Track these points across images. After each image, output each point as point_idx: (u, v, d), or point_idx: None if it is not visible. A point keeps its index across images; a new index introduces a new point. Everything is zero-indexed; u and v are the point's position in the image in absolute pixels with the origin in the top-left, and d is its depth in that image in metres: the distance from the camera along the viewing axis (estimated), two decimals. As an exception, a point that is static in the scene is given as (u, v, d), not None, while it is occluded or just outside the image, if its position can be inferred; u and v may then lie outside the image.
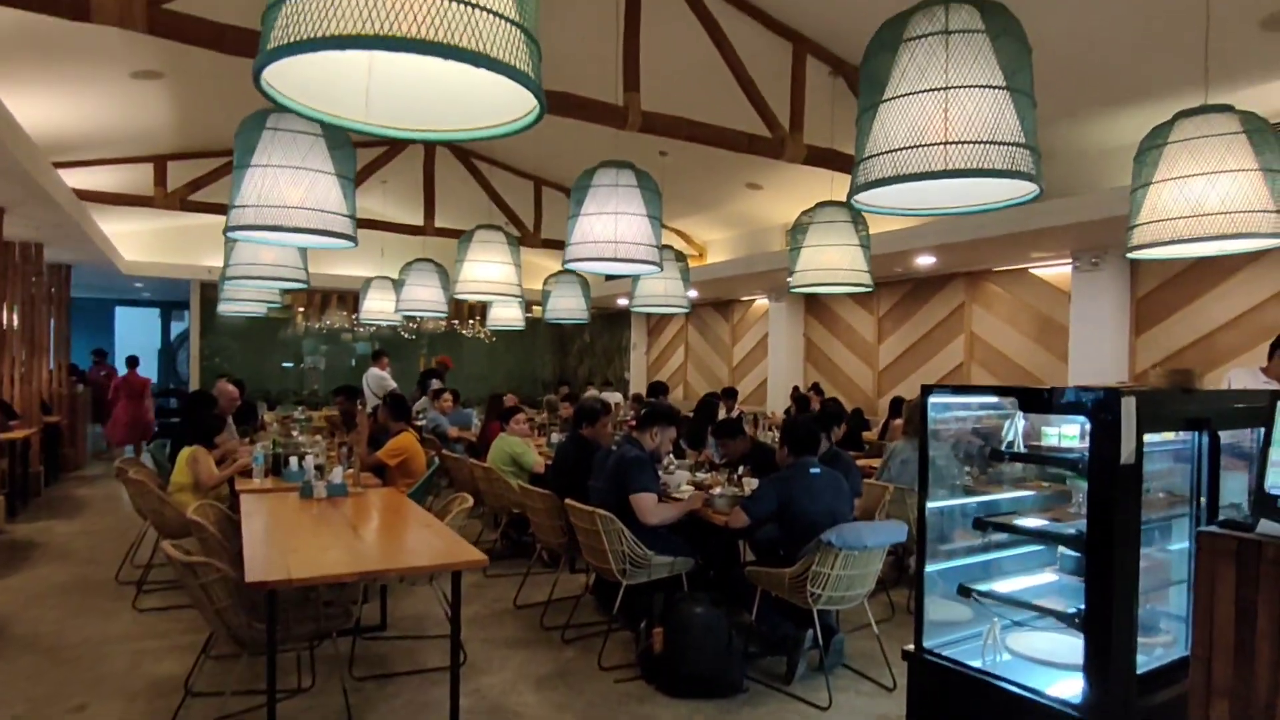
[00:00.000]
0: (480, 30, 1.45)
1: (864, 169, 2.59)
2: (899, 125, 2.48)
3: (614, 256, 4.46)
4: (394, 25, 1.39)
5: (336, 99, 1.89)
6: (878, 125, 2.56)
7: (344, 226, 3.70)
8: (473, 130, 1.96)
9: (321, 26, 1.42)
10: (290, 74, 1.73)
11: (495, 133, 1.94)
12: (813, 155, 5.33)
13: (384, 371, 8.93)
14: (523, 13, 1.59)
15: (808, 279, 5.52)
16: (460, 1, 1.44)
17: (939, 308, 9.33)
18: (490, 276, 6.68)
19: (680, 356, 14.16)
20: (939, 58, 2.45)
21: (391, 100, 1.91)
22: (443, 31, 1.41)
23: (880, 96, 2.57)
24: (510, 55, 1.51)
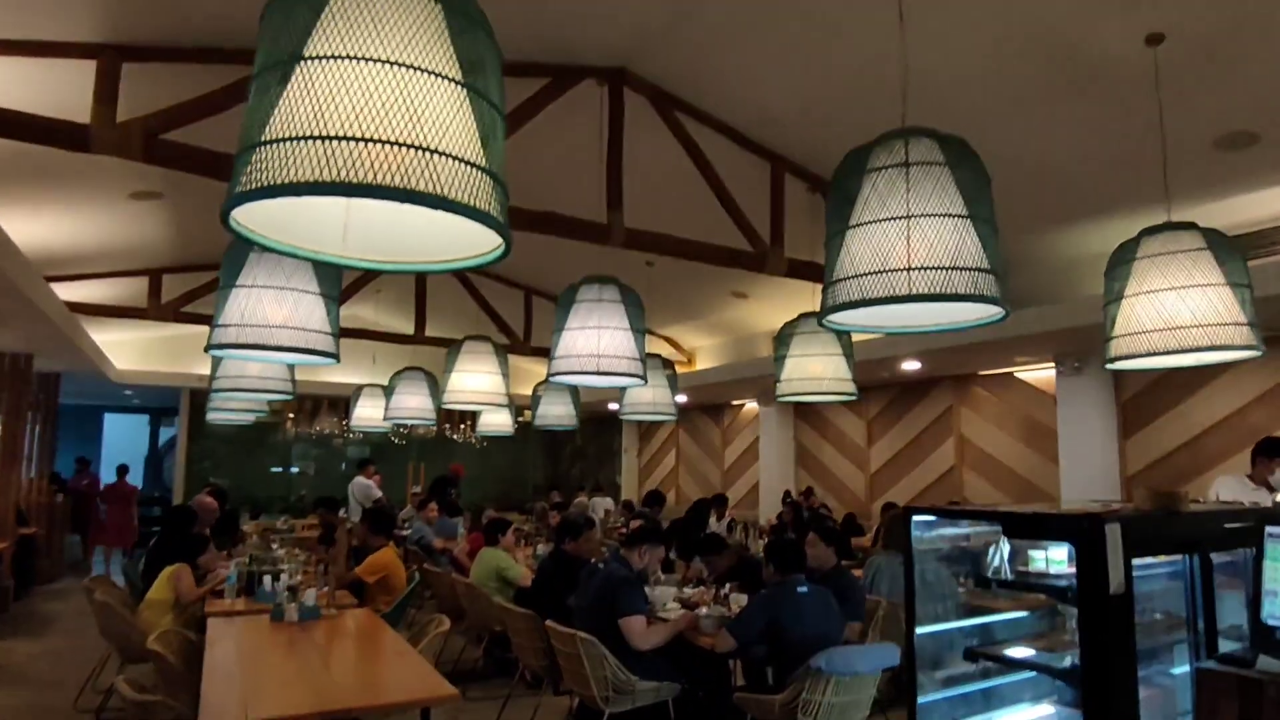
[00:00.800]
0: (438, 174, 1.49)
1: (833, 292, 2.64)
2: (865, 251, 2.54)
3: (597, 370, 4.48)
4: (352, 172, 1.43)
5: (316, 234, 1.93)
6: (844, 251, 2.62)
7: (326, 344, 3.72)
8: (444, 262, 2.00)
9: (284, 173, 1.46)
10: (271, 210, 1.77)
11: (465, 265, 1.97)
12: (794, 268, 5.44)
13: (370, 480, 8.80)
14: (488, 156, 1.64)
15: (793, 388, 5.54)
16: (418, 148, 1.49)
17: (927, 411, 9.35)
18: (479, 386, 6.69)
19: (672, 460, 14.05)
20: (900, 188, 2.53)
21: (369, 234, 1.96)
22: (399, 177, 1.45)
23: (847, 223, 2.64)
24: (471, 196, 1.55)
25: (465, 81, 1.62)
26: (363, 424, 10.28)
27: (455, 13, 1.65)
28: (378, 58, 1.51)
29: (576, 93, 4.82)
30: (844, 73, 4.53)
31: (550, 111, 4.74)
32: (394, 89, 1.50)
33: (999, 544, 2.37)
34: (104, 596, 4.57)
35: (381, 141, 1.47)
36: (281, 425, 15.16)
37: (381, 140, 1.47)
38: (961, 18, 3.84)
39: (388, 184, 1.44)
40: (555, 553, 4.87)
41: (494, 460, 16.22)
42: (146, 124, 3.57)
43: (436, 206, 1.47)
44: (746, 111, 5.17)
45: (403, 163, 1.47)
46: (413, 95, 1.51)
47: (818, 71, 4.57)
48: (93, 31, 3.70)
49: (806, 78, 4.66)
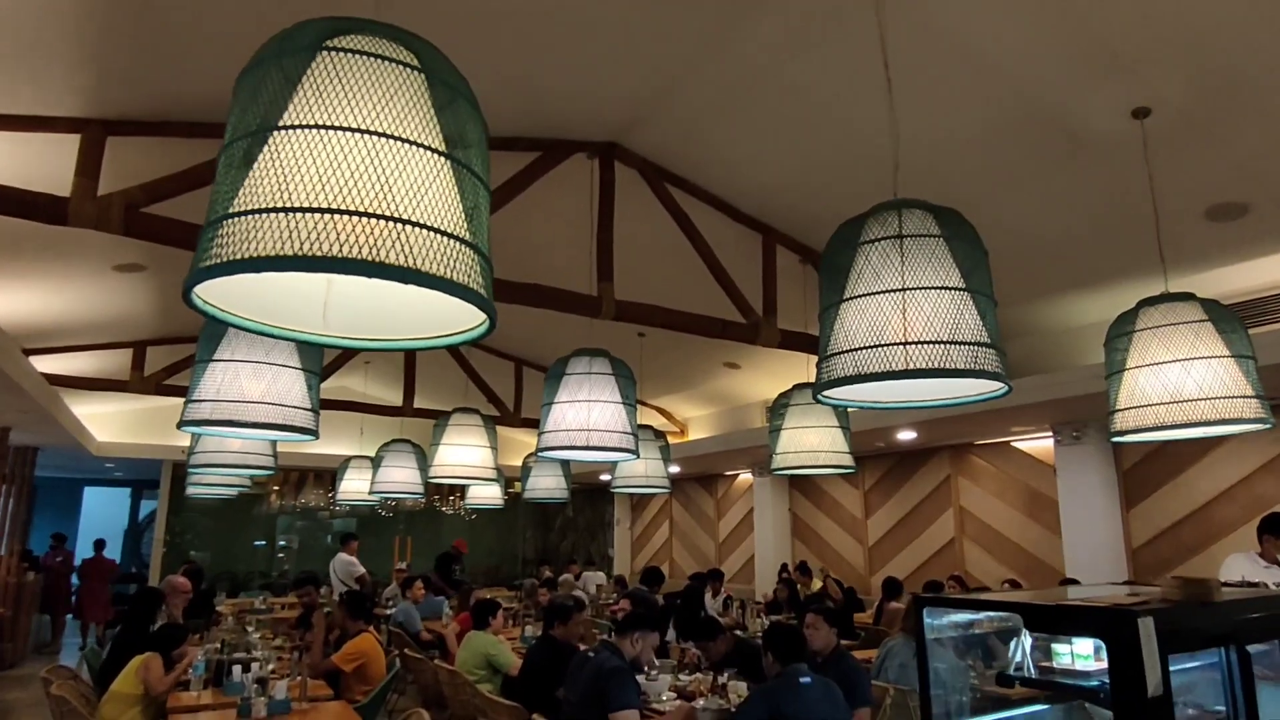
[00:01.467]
0: (411, 246, 1.40)
1: (827, 367, 2.54)
2: (859, 325, 2.45)
3: (586, 445, 4.35)
4: (317, 245, 1.33)
5: (296, 312, 1.83)
6: (838, 325, 2.53)
7: (305, 420, 3.60)
8: (428, 339, 1.90)
9: (246, 248, 1.37)
10: (248, 287, 1.69)
11: (449, 341, 1.87)
12: (787, 339, 5.37)
13: (353, 557, 8.52)
14: (471, 229, 1.56)
15: (789, 461, 5.41)
16: (389, 219, 1.40)
17: (925, 481, 9.18)
18: (467, 460, 6.52)
19: (665, 532, 13.74)
20: (895, 260, 2.46)
21: (351, 311, 1.86)
22: (368, 249, 1.36)
23: (840, 295, 2.57)
24: (448, 269, 1.46)
25: (446, 152, 1.55)
26: (349, 497, 10.06)
27: (438, 83, 1.58)
28: (349, 126, 1.43)
29: (567, 166, 4.83)
30: (833, 145, 4.55)
31: (541, 184, 4.73)
32: (363, 157, 1.41)
33: (1020, 637, 2.21)
34: (60, 690, 4.29)
35: (349, 212, 1.38)
36: (266, 498, 14.84)
37: (348, 211, 1.38)
38: (949, 90, 3.87)
39: (354, 257, 1.35)
40: (544, 639, 4.63)
41: (483, 533, 15.86)
42: (128, 197, 3.52)
43: (407, 280, 1.38)
44: (737, 184, 5.18)
45: (372, 235, 1.37)
46: (384, 163, 1.43)
47: (807, 144, 4.59)
48: (79, 106, 3.68)
49: (796, 150, 4.67)
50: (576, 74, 4.14)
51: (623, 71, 4.11)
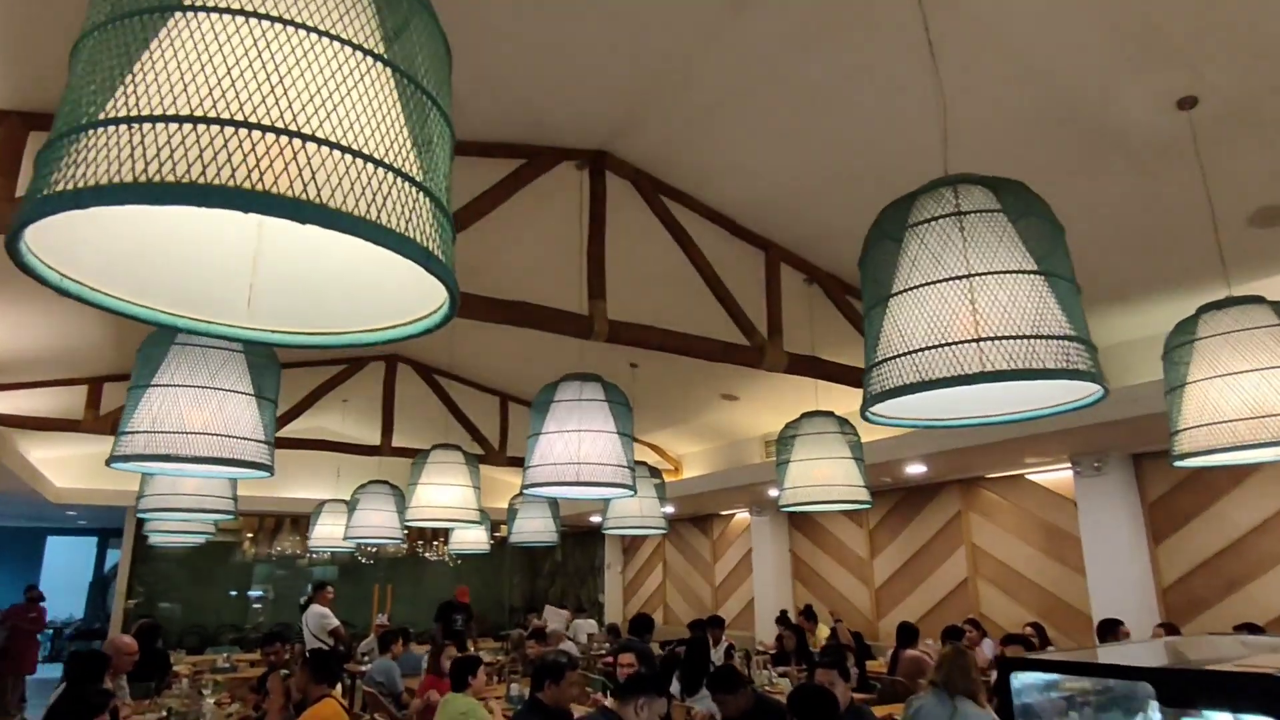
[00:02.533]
0: (315, 170, 0.96)
1: (878, 376, 2.10)
2: (917, 321, 2.02)
3: (576, 480, 3.89)
4: (171, 169, 0.90)
5: (211, 295, 1.39)
6: (890, 324, 2.10)
7: (256, 454, 3.11)
8: (375, 331, 1.46)
9: (102, 171, 0.92)
10: (138, 258, 1.25)
11: (401, 333, 1.44)
12: (794, 364, 4.95)
13: (326, 608, 7.90)
14: (423, 165, 1.13)
15: (799, 496, 4.96)
16: (321, 142, 0.97)
17: (934, 518, 8.72)
18: (448, 500, 6.01)
19: (658, 576, 13.14)
20: (955, 241, 2.05)
21: (282, 298, 1.42)
22: (277, 177, 0.92)
23: (888, 289, 2.15)
24: (376, 208, 1.02)
25: (386, 58, 1.12)
26: (323, 543, 9.47)
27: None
28: (242, 9, 1.00)
29: (555, 176, 4.44)
30: (840, 152, 4.18)
31: (526, 196, 4.34)
32: (260, 49, 0.98)
33: (1147, 711, 1.74)
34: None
35: (249, 126, 0.94)
36: (239, 546, 14.15)
37: (251, 125, 0.94)
38: (977, 80, 3.52)
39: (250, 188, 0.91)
40: (531, 703, 4.10)
41: (468, 580, 15.15)
42: (54, 200, 3.07)
43: (304, 217, 0.93)
44: (737, 195, 4.80)
45: (275, 155, 0.94)
46: (291, 61, 0.99)
47: (815, 151, 4.22)
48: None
49: (800, 158, 4.31)
50: (561, 73, 3.77)
51: (612, 69, 3.75)
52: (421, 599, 14.73)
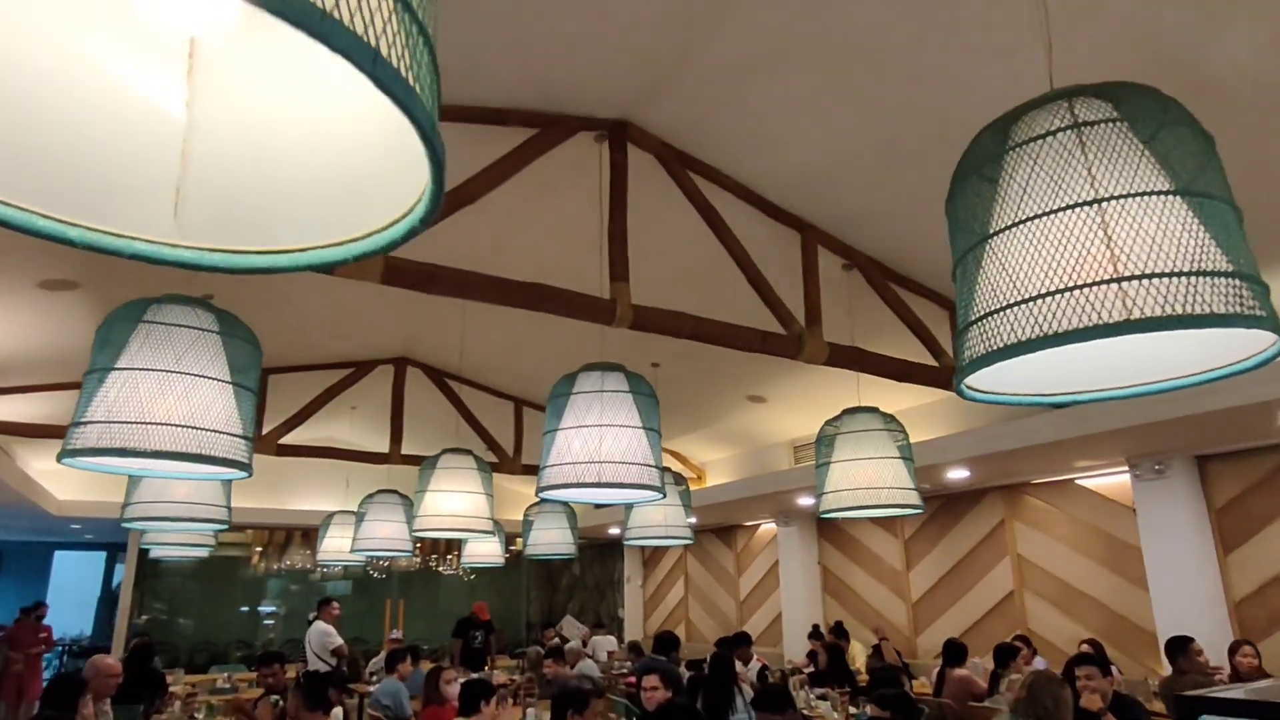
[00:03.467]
0: None
1: (978, 336, 1.65)
2: (1033, 261, 1.58)
3: (598, 480, 3.46)
4: None
5: (125, 204, 0.97)
6: (994, 267, 1.66)
7: (229, 449, 2.71)
8: (338, 246, 1.05)
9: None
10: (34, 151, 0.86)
11: (372, 244, 1.02)
12: (835, 355, 4.50)
13: (330, 625, 7.49)
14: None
15: (842, 501, 4.49)
16: None
17: (975, 527, 8.19)
18: (458, 508, 5.60)
19: (680, 590, 12.65)
20: (1076, 159, 1.61)
21: (218, 205, 1.01)
22: None
23: (987, 227, 1.71)
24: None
25: None
26: (332, 557, 9.11)
27: None
28: None
29: (572, 150, 4.04)
30: (892, 120, 3.75)
31: (542, 171, 3.94)
32: None
33: None
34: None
35: None
36: (249, 560, 13.82)
37: None
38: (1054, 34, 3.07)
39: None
40: (550, 733, 3.65)
41: (484, 595, 14.73)
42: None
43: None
44: (770, 170, 4.38)
45: None
46: None
47: (857, 120, 3.80)
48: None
49: (843, 128, 3.88)
50: (576, 29, 3.38)
51: (633, 23, 3.35)
52: (437, 614, 14.32)
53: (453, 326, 6.66)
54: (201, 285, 5.07)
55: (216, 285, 5.26)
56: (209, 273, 1.01)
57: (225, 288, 5.35)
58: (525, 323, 6.84)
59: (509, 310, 3.64)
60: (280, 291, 5.90)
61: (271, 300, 6.03)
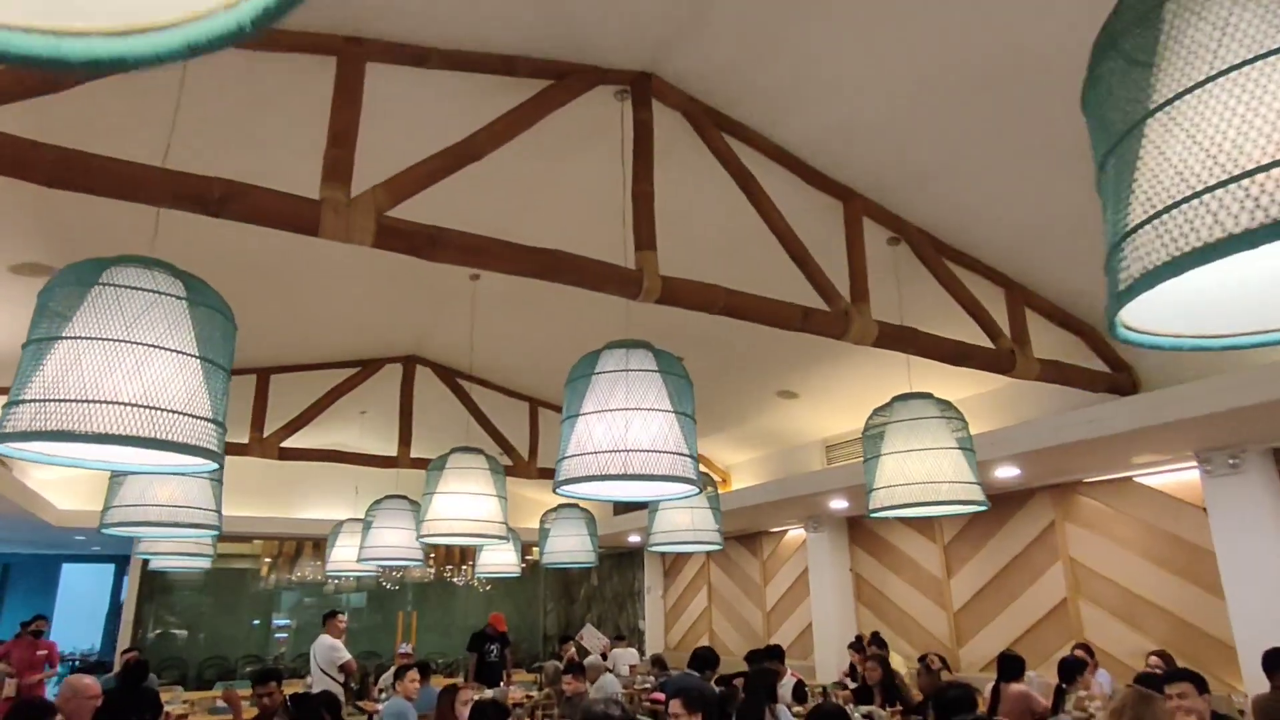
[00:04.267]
0: None
1: (1143, 245, 1.18)
2: (1232, 128, 1.12)
3: (623, 471, 3.00)
4: None
5: None
6: (1166, 149, 1.19)
7: (193, 433, 2.28)
8: (156, 32, 0.59)
9: None
10: None
11: (195, 34, 0.55)
12: (885, 335, 4.03)
13: (337, 639, 7.05)
14: None
15: (895, 497, 4.01)
16: None
17: (1022, 530, 7.65)
18: (469, 512, 5.16)
19: (703, 600, 12.14)
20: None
21: None
22: None
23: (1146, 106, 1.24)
24: None
25: None
26: (340, 567, 8.70)
27: None
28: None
29: (590, 108, 3.62)
30: (944, 60, 3.30)
31: (556, 129, 3.52)
32: None
33: None
34: None
35: None
36: (260, 573, 13.46)
37: None
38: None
39: None
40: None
41: (500, 606, 14.30)
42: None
43: None
44: (810, 129, 3.94)
45: None
46: None
47: (909, 66, 3.35)
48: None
49: (890, 73, 3.43)
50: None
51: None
52: (452, 627, 13.89)
53: (463, 321, 6.25)
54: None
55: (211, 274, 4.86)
56: None
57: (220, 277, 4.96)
58: (539, 315, 6.42)
59: (522, 302, 3.26)
60: (280, 282, 5.50)
61: (271, 290, 5.64)
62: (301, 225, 2.73)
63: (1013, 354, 4.52)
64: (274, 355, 6.94)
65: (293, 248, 4.72)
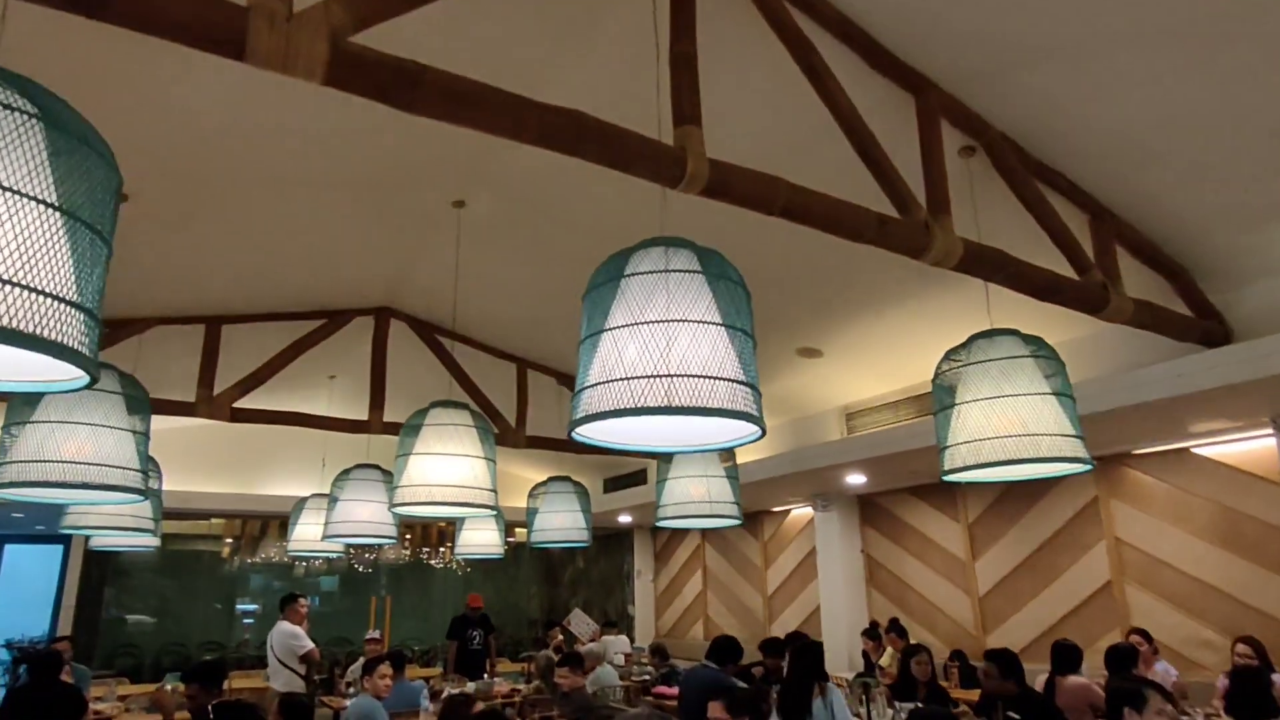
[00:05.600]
0: None
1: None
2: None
3: (665, 402, 2.21)
4: None
5: None
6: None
7: (34, 314, 1.47)
8: None
9: None
10: None
11: None
12: (971, 256, 3.26)
13: (297, 626, 6.20)
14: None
15: (983, 454, 3.25)
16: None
17: (1059, 508, 6.98)
18: (448, 476, 4.35)
19: (697, 584, 11.42)
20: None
21: None
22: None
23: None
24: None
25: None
26: (304, 546, 7.87)
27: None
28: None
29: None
30: None
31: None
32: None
33: None
34: None
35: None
36: (222, 553, 12.56)
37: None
38: None
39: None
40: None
41: (479, 590, 13.52)
42: None
43: None
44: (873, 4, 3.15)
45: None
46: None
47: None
48: None
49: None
50: None
51: None
52: (431, 612, 13.09)
53: (444, 263, 5.41)
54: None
55: (131, 175, 3.98)
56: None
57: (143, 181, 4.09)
58: (533, 254, 5.60)
59: (513, 237, 2.49)
60: (224, 200, 4.62)
61: (214, 213, 4.75)
62: (219, 41, 1.90)
63: (1105, 289, 3.78)
64: (224, 301, 6.06)
65: (235, 145, 3.86)
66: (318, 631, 12.79)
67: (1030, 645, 6.94)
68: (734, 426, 2.42)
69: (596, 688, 6.26)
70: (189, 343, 6.05)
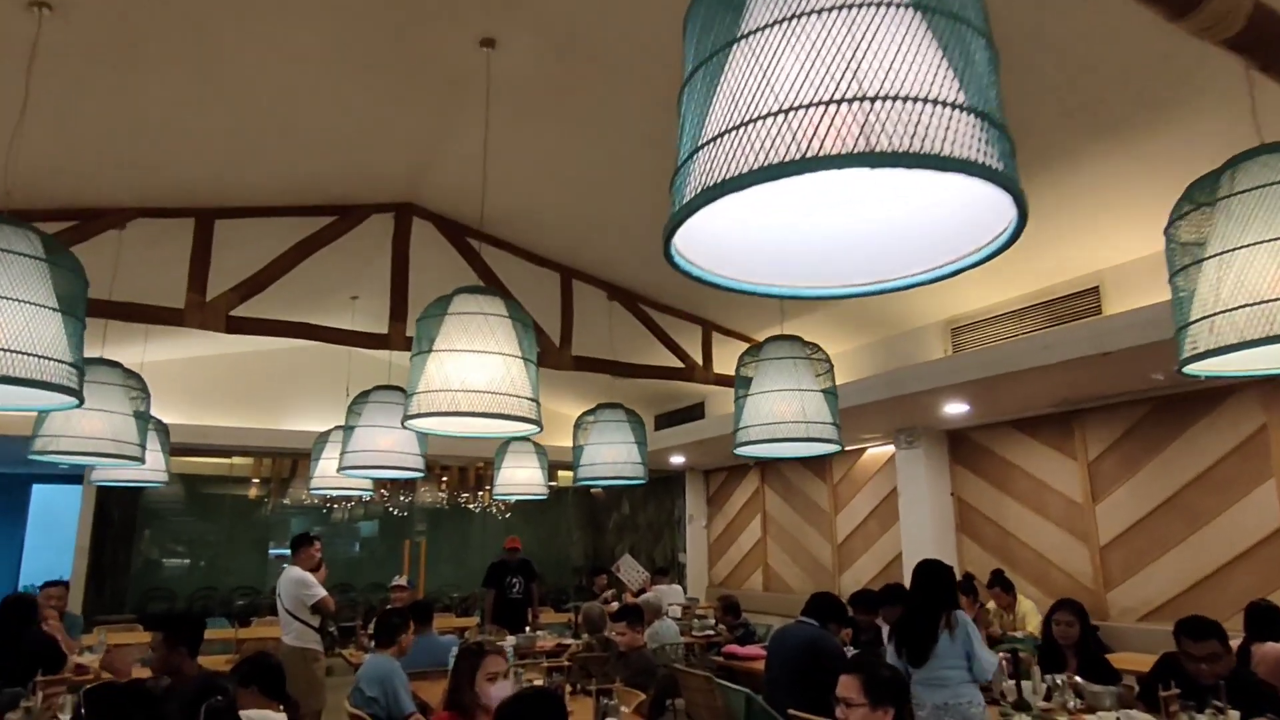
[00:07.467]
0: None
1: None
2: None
3: (866, 148, 1.13)
4: None
5: None
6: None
7: None
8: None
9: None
10: None
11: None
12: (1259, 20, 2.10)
13: (308, 573, 5.32)
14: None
15: (1241, 327, 2.15)
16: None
17: (1211, 440, 5.80)
18: (479, 380, 3.35)
19: (756, 530, 10.47)
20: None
21: None
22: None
23: None
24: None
25: None
26: (325, 483, 7.09)
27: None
28: None
29: None
30: None
31: None
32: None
33: None
34: None
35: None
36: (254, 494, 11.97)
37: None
38: None
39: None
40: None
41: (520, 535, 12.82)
42: None
43: None
44: None
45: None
46: None
47: None
48: None
49: None
50: None
51: None
52: (470, 558, 12.41)
53: (474, 149, 4.36)
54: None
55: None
56: None
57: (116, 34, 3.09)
58: (583, 127, 4.54)
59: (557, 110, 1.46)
60: (206, 52, 3.60)
61: (193, 67, 3.75)
62: None
63: None
64: (217, 190, 5.11)
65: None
66: (351, 576, 12.23)
67: (1166, 605, 5.88)
68: (958, 222, 1.35)
69: (656, 645, 5.37)
70: (176, 239, 5.14)
